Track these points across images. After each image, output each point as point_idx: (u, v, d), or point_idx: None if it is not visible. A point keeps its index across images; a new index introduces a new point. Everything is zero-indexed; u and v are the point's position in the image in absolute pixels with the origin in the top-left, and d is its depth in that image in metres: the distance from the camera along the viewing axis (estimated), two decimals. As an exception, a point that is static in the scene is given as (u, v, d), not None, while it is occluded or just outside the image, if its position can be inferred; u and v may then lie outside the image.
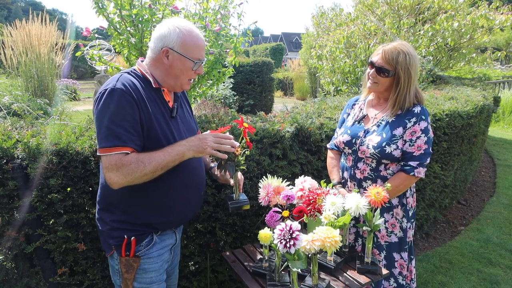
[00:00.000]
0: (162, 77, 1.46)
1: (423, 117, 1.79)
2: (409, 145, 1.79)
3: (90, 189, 1.82)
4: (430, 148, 1.81)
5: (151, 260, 1.49)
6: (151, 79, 1.43)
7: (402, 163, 1.83)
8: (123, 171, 1.28)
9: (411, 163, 1.79)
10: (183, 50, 1.40)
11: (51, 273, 1.84)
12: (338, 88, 6.33)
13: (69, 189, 1.78)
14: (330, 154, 2.14)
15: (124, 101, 1.30)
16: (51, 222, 1.80)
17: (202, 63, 1.48)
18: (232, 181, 1.65)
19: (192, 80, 1.53)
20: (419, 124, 1.79)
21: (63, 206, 1.77)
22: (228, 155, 1.57)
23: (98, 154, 1.32)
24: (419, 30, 5.40)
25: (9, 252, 1.81)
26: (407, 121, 1.80)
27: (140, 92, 1.36)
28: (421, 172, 1.79)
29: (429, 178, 3.26)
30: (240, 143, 1.61)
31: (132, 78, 1.39)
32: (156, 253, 1.51)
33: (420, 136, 1.78)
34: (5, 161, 1.66)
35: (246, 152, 1.63)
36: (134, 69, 1.47)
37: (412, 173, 1.79)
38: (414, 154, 1.79)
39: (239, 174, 1.69)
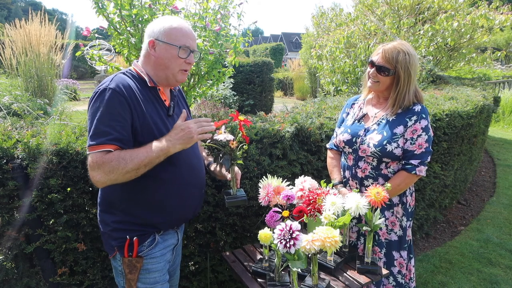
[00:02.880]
0: (154, 72, 1.46)
1: (424, 115, 1.80)
2: (410, 143, 1.80)
3: (90, 189, 1.82)
4: (431, 147, 1.82)
5: (154, 260, 1.49)
6: (146, 78, 1.44)
7: (403, 162, 1.83)
8: (104, 169, 1.27)
9: (413, 161, 1.79)
10: (166, 38, 1.42)
11: (51, 273, 1.84)
12: (338, 88, 6.33)
13: (69, 189, 1.78)
14: (329, 154, 2.14)
15: (116, 101, 1.31)
16: (51, 222, 1.80)
17: (191, 52, 1.46)
18: (229, 176, 1.65)
19: (186, 70, 1.50)
20: (419, 123, 1.79)
21: (63, 206, 1.77)
22: (223, 149, 1.57)
23: (87, 152, 1.32)
24: (419, 30, 5.40)
25: (9, 252, 1.81)
26: (407, 119, 1.81)
27: (134, 92, 1.37)
28: (422, 171, 1.79)
29: (429, 178, 3.26)
30: (236, 137, 1.61)
31: (127, 78, 1.40)
32: (159, 253, 1.51)
33: (421, 135, 1.79)
34: (5, 161, 1.66)
35: (244, 147, 1.62)
36: (130, 69, 1.48)
37: (413, 172, 1.79)
38: (415, 152, 1.79)
39: (236, 169, 1.69)
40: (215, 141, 1.57)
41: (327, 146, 2.18)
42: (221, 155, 1.59)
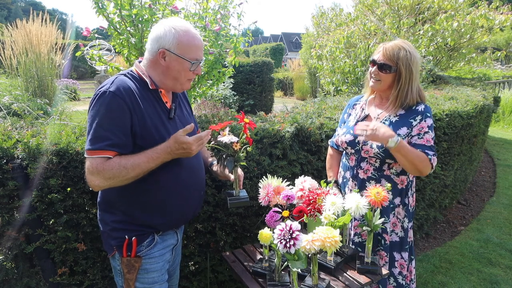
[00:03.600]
0: (160, 79, 1.45)
1: (428, 114, 1.81)
2: (418, 137, 1.79)
3: (90, 189, 1.82)
4: (434, 145, 1.82)
5: (153, 260, 1.49)
6: (147, 81, 1.43)
7: (419, 150, 1.78)
8: (104, 175, 1.29)
9: (427, 151, 1.77)
10: (179, 51, 1.40)
11: (51, 273, 1.84)
12: (338, 88, 6.33)
13: (69, 189, 1.78)
14: (329, 151, 2.17)
15: (115, 104, 1.31)
16: (51, 222, 1.80)
17: (200, 63, 1.47)
18: (232, 177, 1.65)
19: (192, 79, 1.53)
20: (425, 121, 1.80)
21: (63, 206, 1.77)
22: (227, 151, 1.57)
23: (84, 156, 1.33)
24: (419, 30, 5.40)
25: (9, 252, 1.81)
26: (412, 120, 1.81)
27: (135, 95, 1.36)
28: (435, 161, 1.77)
29: (429, 178, 3.26)
30: (240, 138, 1.61)
31: (128, 80, 1.39)
32: (158, 253, 1.51)
33: (428, 132, 1.80)
34: (5, 161, 1.66)
35: (247, 149, 1.63)
36: (131, 71, 1.46)
37: (429, 157, 1.75)
38: (426, 145, 1.78)
39: (239, 170, 1.69)
40: (219, 142, 1.57)
41: (329, 142, 2.18)
42: (224, 156, 1.59)
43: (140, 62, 1.50)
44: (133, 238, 1.43)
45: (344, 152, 2.05)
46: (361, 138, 1.84)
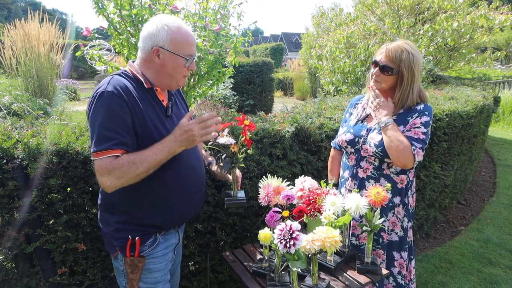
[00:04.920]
0: (154, 77, 1.44)
1: (426, 113, 1.79)
2: (407, 130, 1.77)
3: (90, 189, 1.82)
4: (427, 142, 1.78)
5: (156, 260, 1.49)
6: (142, 80, 1.42)
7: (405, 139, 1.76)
8: (115, 174, 1.28)
9: (413, 142, 1.74)
10: (173, 47, 1.39)
11: (51, 273, 1.84)
12: (338, 88, 6.33)
13: (69, 189, 1.78)
14: (332, 152, 2.16)
15: (115, 104, 1.30)
16: (51, 222, 1.80)
17: (194, 58, 1.47)
18: (230, 178, 1.65)
19: (187, 76, 1.52)
20: (420, 118, 1.78)
21: (63, 206, 1.77)
22: (225, 152, 1.57)
23: (91, 158, 1.32)
24: (419, 30, 5.40)
25: (9, 252, 1.81)
26: (409, 118, 1.80)
27: (132, 94, 1.35)
28: (419, 154, 1.72)
29: (429, 178, 3.26)
30: (239, 140, 1.61)
31: (124, 80, 1.38)
32: (161, 252, 1.51)
33: (419, 127, 1.77)
34: (5, 161, 1.66)
35: (248, 151, 1.63)
36: (125, 70, 1.45)
37: (413, 147, 1.71)
38: (413, 136, 1.75)
39: (237, 171, 1.69)
40: (217, 144, 1.57)
41: (331, 144, 2.18)
42: (222, 157, 1.60)
43: (133, 62, 1.49)
44: (137, 238, 1.43)
45: (344, 151, 2.06)
46: (369, 111, 1.94)
